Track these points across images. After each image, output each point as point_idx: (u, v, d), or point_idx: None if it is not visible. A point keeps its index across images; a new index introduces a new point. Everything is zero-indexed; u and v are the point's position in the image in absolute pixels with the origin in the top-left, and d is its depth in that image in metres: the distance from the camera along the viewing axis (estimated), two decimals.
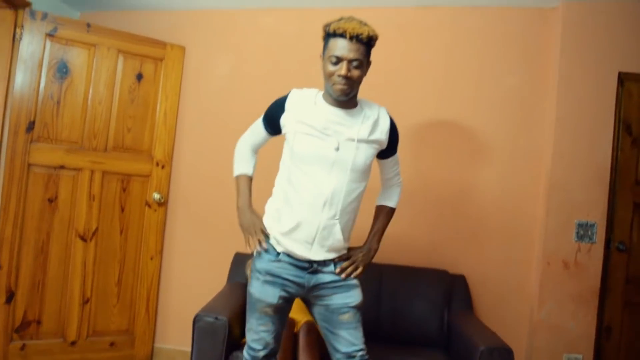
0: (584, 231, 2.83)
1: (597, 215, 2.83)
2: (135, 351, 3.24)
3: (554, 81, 2.91)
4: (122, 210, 3.17)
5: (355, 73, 1.74)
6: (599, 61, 2.85)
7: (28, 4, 2.97)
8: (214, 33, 3.40)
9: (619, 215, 2.86)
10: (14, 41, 2.88)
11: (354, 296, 1.88)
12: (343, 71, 1.72)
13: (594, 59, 2.85)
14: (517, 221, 3.01)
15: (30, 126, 2.90)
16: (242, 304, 2.62)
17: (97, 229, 3.09)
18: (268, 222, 1.93)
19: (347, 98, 1.79)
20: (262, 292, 1.85)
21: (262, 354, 1.89)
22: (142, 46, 3.20)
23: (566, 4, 2.89)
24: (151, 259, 3.27)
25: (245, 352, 1.94)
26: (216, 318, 2.38)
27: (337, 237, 1.84)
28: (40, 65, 2.93)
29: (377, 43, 1.80)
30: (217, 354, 2.36)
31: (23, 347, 2.90)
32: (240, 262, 3.02)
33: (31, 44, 2.89)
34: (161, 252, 3.32)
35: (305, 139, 1.81)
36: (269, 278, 1.86)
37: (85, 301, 3.06)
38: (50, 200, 2.96)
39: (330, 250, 1.86)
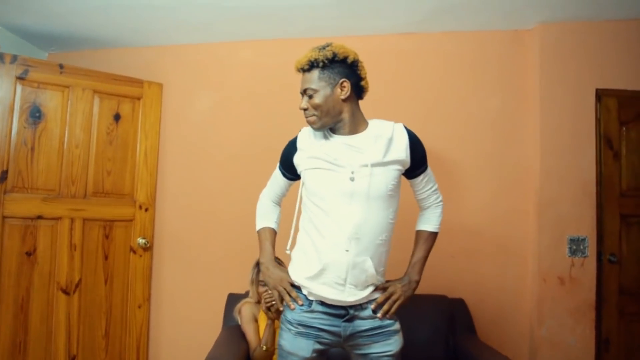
0: (576, 246, 2.87)
1: (587, 229, 2.88)
2: None
3: (536, 100, 2.98)
4: (106, 258, 3.01)
5: (313, 102, 1.71)
6: (576, 79, 2.94)
7: None
8: (192, 68, 3.33)
9: (608, 228, 2.91)
10: None
11: (394, 344, 1.76)
12: (301, 104, 1.75)
13: (572, 77, 2.94)
14: (510, 241, 3.03)
15: (3, 176, 2.73)
16: (246, 349, 2.52)
17: (80, 280, 2.92)
18: (294, 269, 1.82)
19: (320, 127, 1.75)
20: (294, 345, 1.72)
21: None
22: (119, 85, 3.09)
23: (540, 25, 2.98)
24: (139, 307, 3.11)
25: None
26: None
27: (370, 273, 1.71)
28: (12, 111, 2.77)
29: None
30: None
31: None
32: (234, 303, 2.89)
33: (0, 88, 2.74)
34: (149, 299, 3.17)
35: (318, 173, 1.73)
36: (301, 329, 1.73)
37: (72, 358, 2.87)
38: (29, 254, 2.77)
39: (364, 288, 1.73)
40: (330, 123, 1.74)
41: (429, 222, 1.95)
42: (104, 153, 3.04)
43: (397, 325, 1.80)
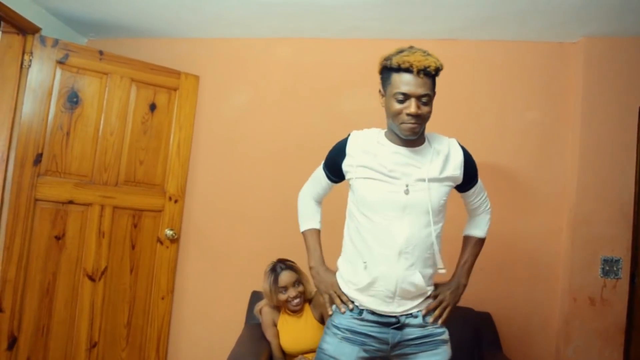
0: (609, 267, 2.80)
1: (622, 250, 2.80)
2: None
3: (577, 115, 2.91)
4: (133, 247, 3.01)
5: (425, 109, 1.61)
6: (620, 96, 2.86)
7: (37, 30, 2.84)
8: (230, 62, 3.30)
9: None
10: (22, 68, 2.74)
11: (442, 354, 1.72)
12: (413, 109, 1.58)
13: (615, 94, 2.87)
14: (541, 257, 2.97)
15: (38, 159, 2.74)
16: (268, 349, 2.49)
17: (106, 267, 2.92)
18: (341, 279, 1.80)
19: (417, 137, 1.67)
20: (339, 349, 1.69)
21: None
22: (156, 75, 3.08)
23: (586, 39, 2.91)
24: (162, 298, 3.10)
25: None
26: None
27: (419, 286, 1.69)
28: (50, 94, 2.78)
29: None
30: None
31: None
32: (257, 301, 2.86)
33: (40, 71, 2.75)
34: (172, 291, 3.15)
35: (372, 184, 1.68)
36: (348, 335, 1.70)
37: (93, 345, 2.86)
38: (58, 238, 2.78)
39: (414, 298, 1.71)
40: (420, 132, 1.69)
41: (479, 228, 1.96)
42: (138, 142, 3.03)
43: (446, 335, 1.76)
